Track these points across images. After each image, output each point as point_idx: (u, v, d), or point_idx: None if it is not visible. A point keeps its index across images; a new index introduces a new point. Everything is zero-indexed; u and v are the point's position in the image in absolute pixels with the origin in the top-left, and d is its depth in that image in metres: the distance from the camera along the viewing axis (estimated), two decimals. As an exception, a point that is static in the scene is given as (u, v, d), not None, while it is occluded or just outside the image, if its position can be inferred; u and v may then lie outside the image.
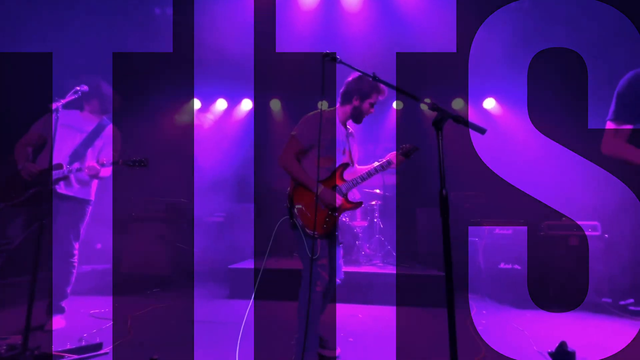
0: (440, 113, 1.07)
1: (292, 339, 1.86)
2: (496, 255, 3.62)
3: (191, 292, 3.55)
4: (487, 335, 2.31)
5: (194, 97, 5.70)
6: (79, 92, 2.09)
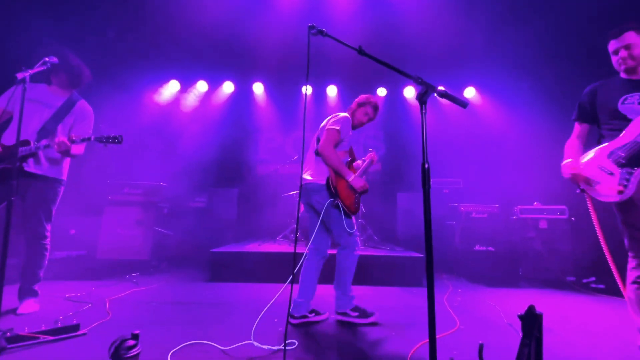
0: (425, 86, 1.09)
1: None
2: (472, 237, 3.78)
3: (171, 277, 3.51)
4: (461, 311, 2.43)
5: (174, 78, 5.49)
6: (47, 63, 1.96)
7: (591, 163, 1.75)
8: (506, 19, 4.36)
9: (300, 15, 4.46)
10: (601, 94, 1.80)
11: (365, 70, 5.29)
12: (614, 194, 1.64)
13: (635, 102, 1.68)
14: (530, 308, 1.03)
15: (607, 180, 1.69)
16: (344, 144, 2.25)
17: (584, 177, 1.74)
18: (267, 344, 1.71)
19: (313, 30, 1.41)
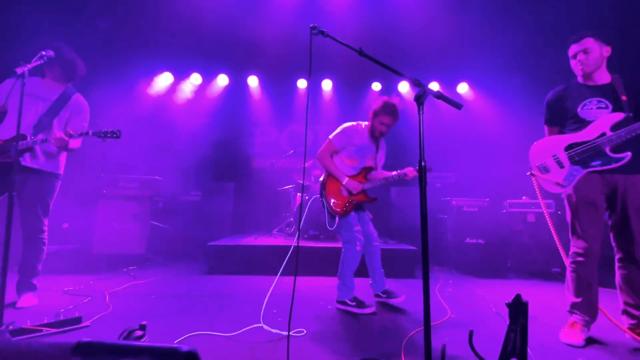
0: (422, 89, 1.14)
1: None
2: (463, 230, 3.89)
3: (168, 270, 3.54)
4: (452, 301, 2.54)
5: (167, 70, 5.43)
6: (44, 57, 1.96)
7: (547, 151, 1.89)
8: (499, 15, 4.42)
9: (296, 8, 4.45)
10: (563, 99, 1.92)
11: (360, 65, 5.27)
12: (557, 186, 1.81)
13: (594, 107, 1.82)
14: (517, 297, 1.11)
15: (556, 171, 1.84)
16: (349, 152, 2.36)
17: (540, 163, 1.90)
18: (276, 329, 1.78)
19: (314, 31, 1.41)
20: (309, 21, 4.81)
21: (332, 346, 1.68)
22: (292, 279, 1.41)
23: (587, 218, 1.78)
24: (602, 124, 1.76)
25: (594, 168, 1.76)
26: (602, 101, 1.81)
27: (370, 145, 2.41)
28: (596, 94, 1.83)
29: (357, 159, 2.39)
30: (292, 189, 4.53)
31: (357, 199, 2.33)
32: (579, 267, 1.80)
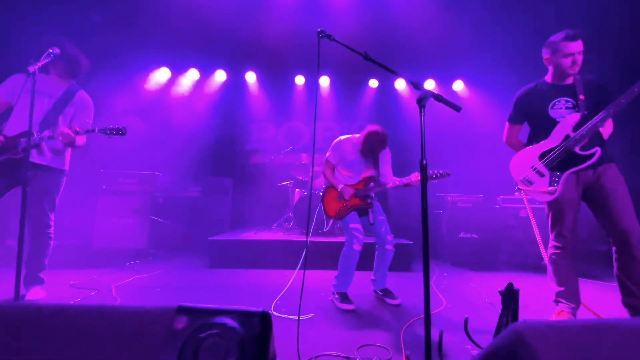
0: (423, 92, 1.21)
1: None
2: (457, 225, 4.01)
3: (170, 264, 3.60)
4: (447, 292, 2.65)
5: (165, 65, 5.42)
6: (51, 54, 1.99)
7: (525, 164, 1.97)
8: (494, 13, 4.50)
9: (296, 4, 4.47)
10: (533, 97, 1.98)
11: (357, 62, 5.34)
12: (545, 194, 1.88)
13: (563, 107, 1.89)
14: (509, 285, 1.21)
15: (539, 181, 1.92)
16: (344, 165, 2.53)
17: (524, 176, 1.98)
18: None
19: (321, 35, 1.47)
20: (308, 18, 4.86)
21: (336, 332, 1.77)
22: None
23: (569, 215, 1.88)
24: (564, 127, 1.85)
25: (572, 169, 1.83)
26: (569, 101, 1.89)
27: (363, 159, 2.52)
28: (564, 93, 1.90)
29: (351, 172, 2.53)
30: (291, 184, 4.59)
31: (350, 204, 2.45)
32: (560, 259, 1.91)
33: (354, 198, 2.47)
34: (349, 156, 2.51)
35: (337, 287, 2.38)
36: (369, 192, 2.47)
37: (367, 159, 2.52)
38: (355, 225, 2.41)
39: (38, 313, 0.51)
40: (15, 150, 2.23)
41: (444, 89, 5.84)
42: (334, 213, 2.48)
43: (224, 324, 0.35)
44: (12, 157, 2.22)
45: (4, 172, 2.22)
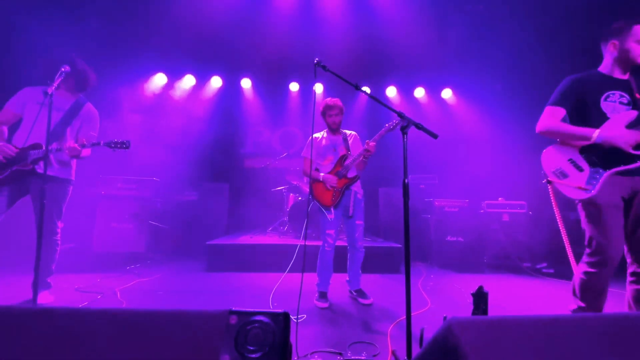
0: (406, 121, 1.39)
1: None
2: (445, 229, 4.22)
3: (169, 268, 3.72)
4: (432, 293, 2.85)
5: (161, 71, 5.52)
6: (63, 73, 2.11)
7: (562, 155, 1.75)
8: (480, 27, 4.73)
9: (291, 14, 4.61)
10: (586, 84, 1.75)
11: (350, 69, 5.55)
12: (580, 191, 1.63)
13: (617, 100, 1.68)
14: (479, 288, 1.39)
15: (575, 176, 1.67)
16: (321, 155, 2.73)
17: (558, 167, 1.73)
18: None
19: (318, 66, 1.64)
20: (303, 27, 5.02)
21: (328, 330, 1.94)
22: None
23: (612, 224, 1.59)
24: (617, 123, 1.63)
25: (617, 169, 1.59)
26: (624, 96, 1.69)
27: (334, 140, 2.73)
28: (619, 87, 1.71)
29: (330, 157, 2.71)
30: (285, 189, 4.75)
31: (340, 186, 2.60)
32: (594, 277, 1.61)
33: (340, 180, 2.62)
34: (322, 142, 2.73)
35: (318, 286, 2.62)
36: (349, 167, 2.59)
37: (337, 138, 2.73)
38: (329, 231, 2.60)
39: (99, 318, 0.66)
40: (24, 162, 2.35)
41: (433, 96, 6.07)
42: (330, 201, 2.60)
43: (261, 320, 0.52)
44: (21, 169, 2.33)
45: (13, 183, 2.33)
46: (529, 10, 4.39)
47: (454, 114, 6.00)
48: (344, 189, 2.61)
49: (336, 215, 2.62)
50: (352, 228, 2.65)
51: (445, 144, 5.84)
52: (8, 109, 2.41)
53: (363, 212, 2.72)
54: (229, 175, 5.67)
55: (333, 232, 2.60)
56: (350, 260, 2.72)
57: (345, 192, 2.64)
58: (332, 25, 4.72)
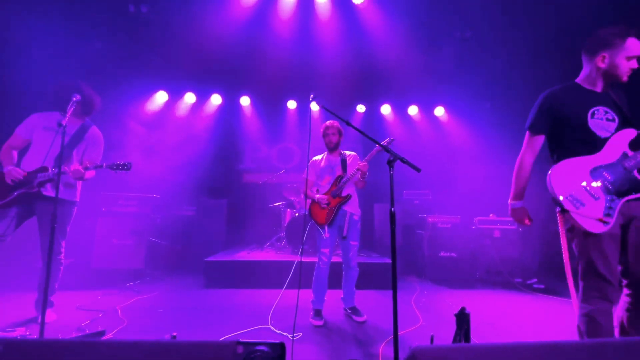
0: (393, 155, 1.53)
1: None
2: (438, 245, 4.32)
3: (167, 284, 3.78)
4: (425, 310, 2.93)
5: (162, 89, 5.68)
6: (74, 102, 2.24)
7: (573, 179, 1.54)
8: (470, 49, 4.95)
9: (290, 37, 4.79)
10: (563, 102, 1.62)
11: (346, 88, 5.77)
12: (598, 223, 1.46)
13: (603, 117, 1.55)
14: (461, 309, 1.50)
15: (592, 205, 1.48)
16: (319, 176, 2.86)
17: (574, 196, 1.51)
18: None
19: (312, 99, 1.78)
20: (301, 49, 5.19)
21: (323, 348, 2.02)
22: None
23: (612, 254, 1.47)
24: (619, 142, 1.52)
25: (630, 196, 1.47)
26: (608, 112, 1.57)
27: (332, 161, 2.85)
28: (600, 102, 1.58)
29: (327, 177, 2.83)
30: (282, 205, 4.86)
31: (333, 204, 2.71)
32: (600, 316, 1.44)
33: (333, 199, 2.72)
34: (322, 164, 2.86)
35: (313, 303, 2.70)
36: (343, 186, 2.71)
37: (335, 159, 2.85)
38: (324, 249, 2.70)
39: (110, 349, 0.76)
40: (31, 184, 2.45)
41: (426, 114, 6.27)
42: (324, 220, 2.70)
43: (262, 350, 0.64)
44: (28, 191, 2.44)
45: (20, 205, 2.43)
46: (514, 36, 4.60)
47: (447, 130, 6.19)
48: (337, 208, 2.71)
49: (331, 234, 2.71)
50: (346, 248, 2.73)
51: (439, 159, 6.01)
52: (18, 134, 2.53)
53: (358, 233, 2.79)
54: (227, 191, 5.77)
55: (328, 251, 2.69)
56: (344, 278, 2.80)
57: (340, 212, 2.73)
58: (329, 47, 4.92)
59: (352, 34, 4.78)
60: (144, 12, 4.05)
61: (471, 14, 4.16)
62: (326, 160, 2.88)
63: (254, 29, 4.55)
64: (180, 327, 2.36)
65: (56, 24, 4.09)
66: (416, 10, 4.12)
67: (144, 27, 4.49)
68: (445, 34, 4.49)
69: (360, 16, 4.31)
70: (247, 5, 4.09)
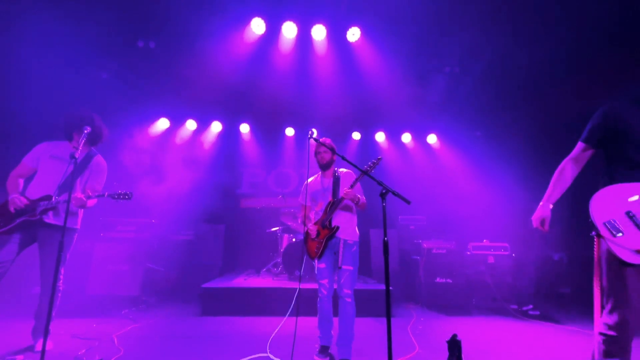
0: (385, 188, 1.64)
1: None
2: (433, 270, 4.36)
3: (163, 312, 3.75)
4: (421, 337, 2.95)
5: (163, 116, 5.87)
6: (85, 134, 2.36)
7: (617, 204, 1.45)
8: (458, 84, 5.24)
9: (289, 68, 5.02)
10: (620, 117, 1.54)
11: (342, 116, 6.01)
12: (635, 254, 1.36)
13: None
14: (453, 336, 1.56)
15: (632, 235, 1.39)
16: (313, 201, 2.71)
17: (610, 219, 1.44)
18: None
19: (311, 138, 1.92)
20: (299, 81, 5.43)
21: (319, 380, 2.03)
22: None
23: (634, 287, 1.40)
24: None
25: None
26: None
27: (325, 184, 2.65)
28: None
29: (321, 202, 2.63)
30: (279, 230, 4.91)
31: (322, 237, 2.47)
32: (615, 349, 1.40)
33: (323, 230, 2.48)
34: (315, 187, 2.69)
35: (320, 339, 2.51)
36: (330, 216, 2.46)
37: (327, 182, 2.64)
38: (322, 280, 2.48)
39: None
40: (32, 212, 2.51)
41: (419, 141, 6.50)
42: (314, 253, 2.52)
43: None
44: (29, 219, 2.49)
45: (22, 232, 2.48)
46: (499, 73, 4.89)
47: (440, 157, 6.39)
48: (326, 240, 2.45)
49: (328, 261, 2.48)
50: (339, 274, 2.45)
51: (432, 185, 6.17)
52: (25, 163, 2.63)
53: (353, 257, 2.46)
54: (225, 216, 5.82)
55: (326, 282, 2.47)
56: (340, 315, 2.40)
57: (331, 242, 2.48)
58: (326, 79, 5.18)
59: (347, 68, 5.06)
60: (152, 47, 4.29)
61: (458, 51, 4.46)
62: (319, 183, 2.70)
63: (255, 63, 4.81)
64: (177, 355, 2.36)
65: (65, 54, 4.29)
66: (406, 47, 4.42)
67: (149, 60, 4.73)
68: (435, 68, 4.78)
69: (355, 52, 4.59)
70: (249, 41, 4.35)
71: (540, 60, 4.34)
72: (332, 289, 2.50)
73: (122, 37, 4.26)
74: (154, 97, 5.43)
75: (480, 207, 5.34)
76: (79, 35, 4.07)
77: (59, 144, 2.76)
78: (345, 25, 4.20)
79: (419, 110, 5.90)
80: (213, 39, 4.32)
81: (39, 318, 2.52)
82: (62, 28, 3.88)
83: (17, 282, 3.51)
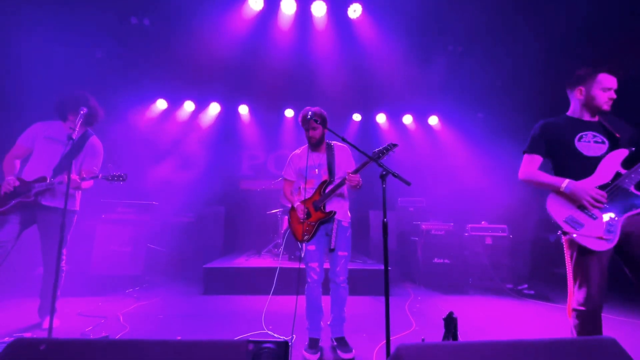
0: (385, 170, 1.63)
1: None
2: (431, 251, 4.43)
3: (166, 291, 3.84)
4: (418, 315, 3.03)
5: (161, 97, 5.77)
6: (82, 115, 2.32)
7: (571, 202, 1.65)
8: (460, 63, 5.12)
9: (288, 46, 4.89)
10: (558, 128, 1.79)
11: (343, 98, 5.91)
12: (602, 241, 1.54)
13: (591, 140, 1.70)
14: (449, 313, 1.60)
15: (591, 224, 1.58)
16: (300, 175, 2.39)
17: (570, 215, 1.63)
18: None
19: (312, 119, 1.88)
20: (299, 61, 5.31)
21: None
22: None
23: (597, 269, 1.57)
24: (611, 163, 1.64)
25: (631, 212, 1.56)
26: (597, 135, 1.72)
27: (318, 159, 2.37)
28: (590, 128, 1.75)
29: (312, 180, 2.34)
30: (280, 212, 4.94)
31: (314, 219, 2.24)
32: (584, 315, 1.57)
33: (316, 212, 2.24)
34: (299, 161, 2.39)
35: (309, 331, 2.24)
36: (325, 199, 2.23)
37: (318, 157, 2.37)
38: (312, 264, 2.25)
39: (126, 348, 0.85)
40: (27, 194, 2.50)
41: (420, 123, 6.43)
42: (300, 237, 2.25)
43: (269, 347, 0.74)
44: (24, 200, 2.48)
45: (21, 213, 2.48)
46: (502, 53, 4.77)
47: (441, 139, 6.35)
48: (318, 224, 2.23)
49: (319, 243, 2.27)
50: (333, 260, 2.25)
51: (433, 167, 6.16)
52: (20, 144, 2.59)
53: (348, 242, 2.30)
54: (225, 198, 5.85)
55: (316, 265, 2.24)
56: (332, 298, 2.28)
57: (322, 226, 2.28)
58: (326, 59, 5.05)
59: (348, 46, 4.92)
60: (147, 24, 4.15)
61: (461, 30, 4.33)
62: (310, 158, 2.36)
63: (254, 40, 4.67)
64: (181, 332, 2.43)
65: (57, 33, 4.16)
66: (409, 25, 4.28)
67: (144, 38, 4.59)
68: (438, 47, 4.66)
69: (356, 29, 4.45)
70: (247, 17, 4.22)
71: (544, 37, 4.22)
72: (323, 273, 2.27)
73: (117, 15, 4.12)
74: (150, 77, 5.32)
75: (481, 189, 5.36)
76: (72, 12, 3.93)
77: (52, 124, 2.71)
78: (347, 0, 4.05)
79: (420, 91, 5.80)
80: (209, 15, 4.18)
81: (44, 297, 2.57)
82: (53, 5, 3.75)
83: (20, 264, 3.57)
